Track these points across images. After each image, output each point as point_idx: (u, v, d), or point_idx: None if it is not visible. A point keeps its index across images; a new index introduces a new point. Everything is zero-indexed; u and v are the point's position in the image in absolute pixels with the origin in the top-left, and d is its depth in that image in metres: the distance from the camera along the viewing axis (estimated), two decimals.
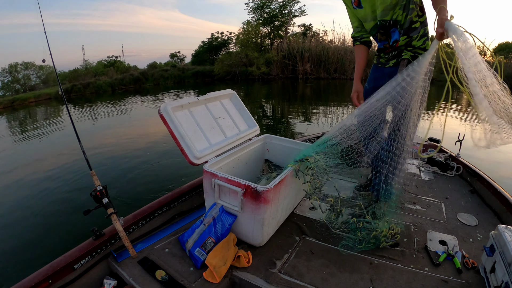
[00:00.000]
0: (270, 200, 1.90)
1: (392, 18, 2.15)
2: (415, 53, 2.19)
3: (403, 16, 2.12)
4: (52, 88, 21.29)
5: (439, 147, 2.84)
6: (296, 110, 12.61)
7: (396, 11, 2.12)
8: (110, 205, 2.04)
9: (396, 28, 2.19)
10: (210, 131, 2.42)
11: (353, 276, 1.88)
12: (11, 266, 3.41)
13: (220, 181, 2.00)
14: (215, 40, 30.73)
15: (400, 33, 2.19)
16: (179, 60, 33.88)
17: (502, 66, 1.70)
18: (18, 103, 18.32)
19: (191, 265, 1.97)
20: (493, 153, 6.62)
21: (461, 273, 1.88)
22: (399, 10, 2.11)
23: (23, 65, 23.32)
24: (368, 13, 2.27)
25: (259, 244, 2.09)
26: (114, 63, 29.39)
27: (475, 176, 3.04)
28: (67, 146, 7.92)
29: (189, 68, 27.86)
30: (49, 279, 1.75)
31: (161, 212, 2.41)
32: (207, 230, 2.02)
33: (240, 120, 2.78)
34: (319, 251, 2.10)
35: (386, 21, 2.19)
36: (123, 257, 2.02)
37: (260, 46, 26.52)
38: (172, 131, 2.15)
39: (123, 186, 5.31)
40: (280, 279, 1.85)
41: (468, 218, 2.49)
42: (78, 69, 26.36)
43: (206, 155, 2.23)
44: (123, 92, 21.19)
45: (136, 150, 7.42)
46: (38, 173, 6.26)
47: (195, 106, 2.43)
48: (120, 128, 10.33)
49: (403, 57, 2.22)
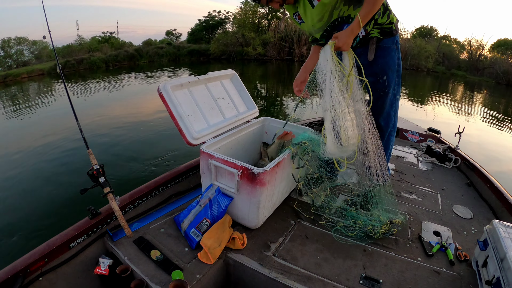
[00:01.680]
0: (266, 183, 1.89)
1: (339, 16, 2.07)
2: (382, 29, 2.12)
3: (351, 9, 2.04)
4: (45, 63, 21.05)
5: None
6: (291, 92, 12.57)
7: (338, 8, 2.04)
8: (107, 184, 2.03)
9: (348, 24, 2.08)
10: (209, 111, 2.39)
11: (346, 262, 1.89)
12: (6, 245, 3.41)
13: (217, 162, 1.99)
14: (212, 19, 30.42)
15: None
16: (175, 38, 33.53)
17: None
18: (10, 78, 18.09)
19: (186, 246, 1.97)
20: (493, 148, 6.69)
21: (453, 265, 1.90)
22: (343, 6, 2.02)
23: (16, 40, 22.92)
24: (310, 26, 2.23)
25: (254, 226, 2.10)
26: (109, 39, 29.01)
27: (473, 169, 3.05)
28: (61, 123, 7.85)
29: (185, 46, 27.63)
30: (45, 258, 1.75)
31: (157, 192, 2.40)
32: (202, 211, 2.02)
33: (240, 102, 2.74)
34: (314, 235, 2.11)
35: (334, 21, 2.11)
36: (119, 236, 2.02)
37: (257, 26, 26.28)
38: (171, 111, 2.11)
39: (119, 165, 5.29)
40: (274, 262, 1.86)
41: (463, 210, 2.50)
42: (72, 44, 26.01)
43: (204, 135, 2.21)
44: (117, 69, 21.04)
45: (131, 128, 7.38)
46: (32, 150, 6.22)
47: (195, 86, 2.39)
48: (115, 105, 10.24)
49: (371, 36, 2.14)
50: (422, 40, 25.13)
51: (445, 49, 25.37)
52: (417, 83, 18.30)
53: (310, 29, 2.28)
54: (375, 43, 2.16)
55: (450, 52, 25.46)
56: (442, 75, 23.18)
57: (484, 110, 11.77)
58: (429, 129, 3.98)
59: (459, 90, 17.63)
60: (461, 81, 21.23)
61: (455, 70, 24.01)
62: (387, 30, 2.12)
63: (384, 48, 2.15)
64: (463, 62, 24.98)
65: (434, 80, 20.58)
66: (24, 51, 23.37)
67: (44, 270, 1.76)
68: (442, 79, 21.58)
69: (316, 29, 2.22)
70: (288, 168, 2.19)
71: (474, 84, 20.06)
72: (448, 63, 24.72)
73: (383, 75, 2.22)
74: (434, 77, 21.86)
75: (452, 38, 28.04)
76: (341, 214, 2.28)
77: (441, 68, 24.22)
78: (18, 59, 22.67)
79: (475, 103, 13.63)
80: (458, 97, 14.56)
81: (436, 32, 28.47)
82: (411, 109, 10.51)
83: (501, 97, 16.04)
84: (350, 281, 1.75)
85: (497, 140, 8.08)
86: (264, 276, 1.78)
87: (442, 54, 24.84)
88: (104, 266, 1.85)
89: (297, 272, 1.79)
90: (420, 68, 23.46)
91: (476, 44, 25.10)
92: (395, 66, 2.24)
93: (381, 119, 2.38)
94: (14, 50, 22.76)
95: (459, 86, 19.15)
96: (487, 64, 23.07)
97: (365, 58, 2.22)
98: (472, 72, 23.33)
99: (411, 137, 4.04)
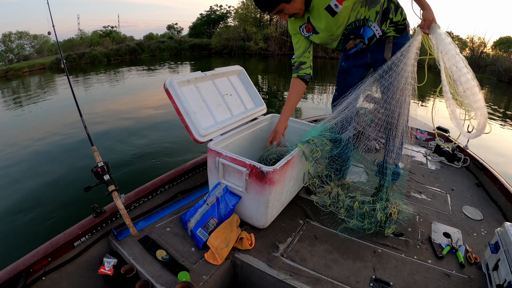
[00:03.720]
0: (276, 182, 1.85)
1: (356, 18, 2.01)
2: (396, 26, 2.08)
3: (366, 10, 1.99)
4: (46, 58, 21.06)
5: None
6: None
7: (355, 10, 1.98)
8: (112, 182, 1.99)
9: (365, 26, 2.06)
10: (216, 108, 2.35)
11: (356, 263, 1.86)
12: (8, 244, 3.38)
13: (225, 160, 1.94)
14: (214, 13, 30.46)
15: (374, 27, 2.07)
16: (176, 32, 33.52)
17: None
18: (11, 73, 18.10)
19: (193, 246, 1.93)
20: (504, 149, 6.64)
21: (463, 267, 1.87)
22: (361, 8, 1.97)
23: (17, 35, 22.94)
24: (327, 37, 2.14)
25: (262, 226, 2.06)
26: (110, 33, 29.04)
27: (482, 169, 3.03)
28: (64, 119, 7.82)
29: (186, 41, 27.64)
30: (49, 257, 1.72)
31: (163, 190, 2.37)
32: (210, 210, 1.98)
33: (247, 98, 2.70)
34: (323, 236, 2.08)
35: (351, 23, 2.04)
36: (124, 235, 1.98)
37: (259, 21, 26.25)
38: (177, 107, 2.06)
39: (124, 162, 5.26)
40: (283, 263, 1.82)
41: (473, 212, 2.48)
42: (73, 38, 25.99)
43: (211, 133, 2.16)
44: (118, 63, 21.05)
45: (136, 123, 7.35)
46: (36, 146, 6.19)
47: (202, 82, 2.34)
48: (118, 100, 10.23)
49: (387, 35, 2.11)
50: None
51: None
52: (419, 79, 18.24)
53: (325, 40, 2.20)
54: (391, 42, 2.12)
55: None
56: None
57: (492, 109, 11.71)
58: (438, 128, 3.93)
59: None
60: None
61: None
62: (402, 27, 2.09)
63: (400, 45, 2.10)
64: (465, 59, 24.83)
65: (435, 77, 20.52)
66: (25, 45, 23.40)
67: (47, 270, 1.73)
68: None
69: (334, 37, 2.15)
70: (297, 166, 2.14)
71: None
72: None
73: None
74: (436, 74, 21.79)
75: (454, 35, 27.94)
76: (350, 213, 2.23)
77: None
78: (19, 53, 22.69)
79: None
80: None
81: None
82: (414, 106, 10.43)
83: (501, 95, 16.00)
84: (360, 284, 1.72)
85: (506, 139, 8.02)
86: (272, 278, 1.75)
87: None
88: (109, 266, 1.82)
89: (306, 274, 1.76)
90: (422, 65, 23.34)
91: (478, 42, 25.01)
92: None
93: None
94: (15, 45, 22.79)
95: None
96: (489, 61, 22.93)
97: (380, 54, 2.17)
98: (474, 69, 22.91)
99: (419, 136, 4.01)
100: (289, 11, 1.94)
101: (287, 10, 1.92)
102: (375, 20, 2.02)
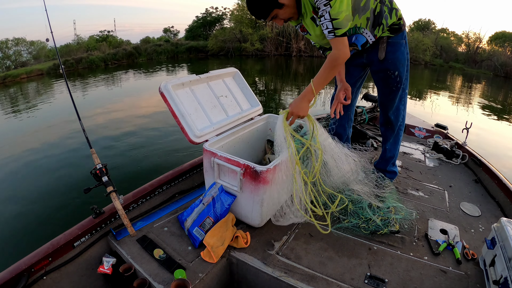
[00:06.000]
0: (270, 181, 1.88)
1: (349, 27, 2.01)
2: (391, 27, 2.11)
3: (357, 18, 2.02)
4: (43, 63, 21.04)
5: None
6: (289, 87, 12.55)
7: None
8: (110, 183, 2.03)
9: (357, 34, 2.11)
10: (211, 109, 2.38)
11: (351, 261, 1.87)
12: (9, 245, 3.41)
13: (220, 160, 1.97)
14: (210, 15, 30.40)
15: (366, 34, 2.11)
16: (173, 35, 33.47)
17: None
18: (9, 79, 18.06)
19: (189, 244, 1.97)
20: (503, 146, 6.66)
21: (460, 264, 1.87)
22: (353, 17, 1.98)
23: (14, 41, 22.88)
24: (318, 41, 2.20)
25: (258, 225, 2.09)
26: (107, 38, 28.99)
27: (481, 165, 3.02)
28: (62, 122, 7.83)
29: (183, 43, 27.63)
30: (49, 257, 1.75)
31: (161, 191, 2.40)
32: (206, 209, 2.01)
33: (243, 99, 2.72)
34: (318, 234, 2.08)
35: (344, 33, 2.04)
36: (122, 235, 2.02)
37: (254, 22, 26.22)
38: (172, 109, 2.10)
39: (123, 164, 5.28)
40: (278, 261, 1.84)
41: (471, 208, 2.47)
42: (70, 44, 25.95)
43: (206, 133, 2.19)
44: (116, 67, 21.01)
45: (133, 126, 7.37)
46: (35, 150, 6.20)
47: (197, 84, 2.37)
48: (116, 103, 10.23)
49: (381, 36, 2.15)
50: (419, 33, 25.01)
51: (442, 42, 25.26)
52: (415, 76, 18.26)
53: (318, 44, 2.27)
54: (385, 42, 2.16)
55: (448, 45, 25.34)
56: (440, 68, 23.11)
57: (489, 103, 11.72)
58: (436, 125, 3.96)
59: (457, 83, 17.60)
60: (459, 73, 21.20)
61: (452, 63, 23.91)
62: (396, 27, 2.12)
63: (394, 44, 2.14)
64: (461, 54, 24.83)
65: (432, 73, 20.56)
66: (22, 51, 23.34)
67: (48, 269, 1.76)
68: (440, 71, 21.53)
69: (325, 43, 2.21)
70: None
71: (472, 77, 20.01)
72: (445, 56, 24.61)
73: (394, 70, 2.22)
74: (432, 70, 21.84)
75: (450, 31, 28.02)
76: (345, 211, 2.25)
77: (439, 61, 24.12)
78: (17, 60, 22.61)
79: (474, 96, 13.58)
80: (456, 90, 14.52)
81: (433, 25, 28.44)
82: (412, 103, 10.46)
83: (498, 90, 16.03)
84: (355, 280, 1.73)
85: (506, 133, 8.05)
86: (267, 275, 1.77)
87: (439, 47, 24.72)
88: (108, 265, 1.85)
89: (300, 271, 1.78)
90: (418, 61, 23.38)
91: (473, 37, 25.09)
92: (405, 60, 2.23)
93: (391, 113, 2.39)
94: (12, 51, 22.72)
95: (457, 79, 19.13)
96: (485, 56, 22.96)
97: (375, 55, 2.22)
98: (470, 64, 23.25)
99: (417, 133, 4.02)
100: (283, 16, 1.97)
101: (281, 15, 1.95)
102: (366, 26, 2.06)
